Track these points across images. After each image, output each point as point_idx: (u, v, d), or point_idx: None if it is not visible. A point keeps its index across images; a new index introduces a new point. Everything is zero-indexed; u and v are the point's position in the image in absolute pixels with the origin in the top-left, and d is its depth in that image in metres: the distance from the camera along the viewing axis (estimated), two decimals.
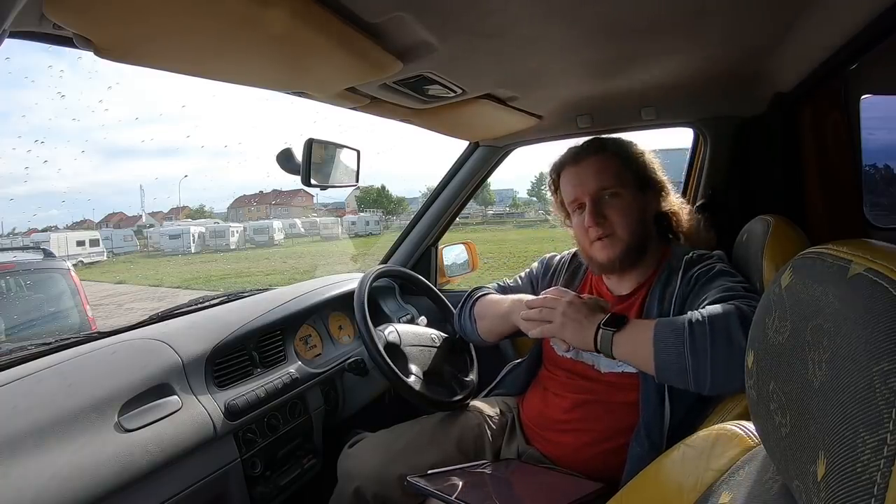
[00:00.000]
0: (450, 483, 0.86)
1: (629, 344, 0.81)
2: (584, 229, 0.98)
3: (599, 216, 0.96)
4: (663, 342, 0.77)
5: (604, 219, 0.96)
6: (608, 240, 0.97)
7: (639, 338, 0.81)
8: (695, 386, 0.75)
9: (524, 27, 0.76)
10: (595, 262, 1.01)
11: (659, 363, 0.77)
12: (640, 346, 0.80)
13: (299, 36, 0.67)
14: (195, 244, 27.55)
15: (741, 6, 0.75)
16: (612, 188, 0.97)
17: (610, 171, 0.97)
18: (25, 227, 55.39)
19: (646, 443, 0.88)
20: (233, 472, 0.94)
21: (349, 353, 1.30)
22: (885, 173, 1.49)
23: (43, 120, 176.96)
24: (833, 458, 0.28)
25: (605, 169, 0.97)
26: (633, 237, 0.96)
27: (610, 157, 0.99)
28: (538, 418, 1.04)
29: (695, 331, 0.75)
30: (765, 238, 0.87)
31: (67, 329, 3.38)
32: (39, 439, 0.70)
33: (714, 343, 0.73)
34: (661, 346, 0.77)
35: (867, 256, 0.31)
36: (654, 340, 0.78)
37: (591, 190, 0.97)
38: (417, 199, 48.85)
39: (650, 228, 1.01)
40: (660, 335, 0.78)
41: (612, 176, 0.97)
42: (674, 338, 0.76)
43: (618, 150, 1.01)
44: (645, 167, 1.02)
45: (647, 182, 1.01)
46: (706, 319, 0.76)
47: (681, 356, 0.75)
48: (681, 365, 0.75)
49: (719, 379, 0.73)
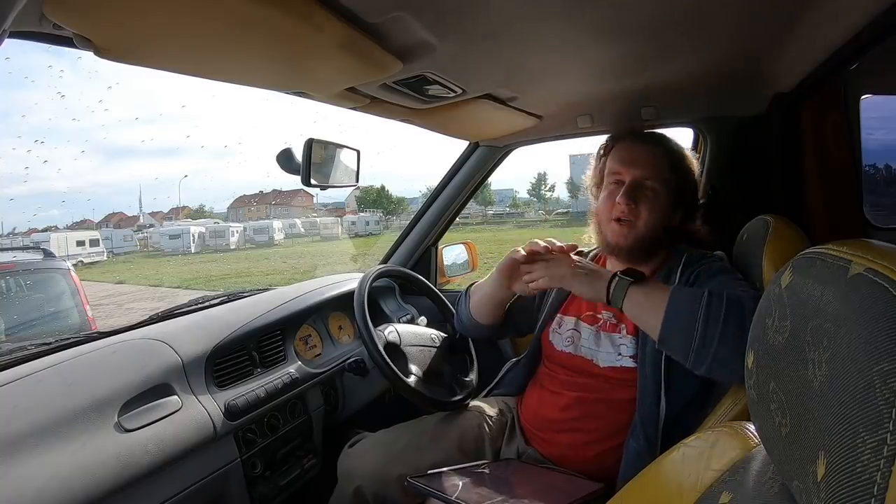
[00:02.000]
0: (450, 483, 0.86)
1: (643, 297, 0.81)
2: (611, 204, 0.98)
3: (631, 199, 0.96)
4: (678, 302, 0.77)
5: (634, 204, 0.96)
6: (628, 224, 0.97)
7: (654, 294, 0.81)
8: (694, 358, 0.75)
9: (524, 27, 0.76)
10: (605, 241, 1.02)
11: (667, 322, 0.77)
12: (654, 301, 0.80)
13: (299, 36, 0.67)
14: (195, 244, 27.56)
15: (741, 6, 0.75)
16: (655, 182, 0.97)
17: (660, 167, 0.98)
18: (25, 227, 55.44)
19: (641, 438, 0.88)
20: (233, 472, 0.94)
21: (349, 353, 1.30)
22: (885, 173, 1.49)
23: (43, 120, 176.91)
24: (833, 458, 0.28)
25: (658, 162, 0.98)
26: (649, 233, 0.97)
27: (667, 155, 1.00)
28: (536, 419, 1.04)
29: (713, 301, 0.75)
30: (765, 238, 0.87)
31: (67, 329, 3.37)
32: (39, 439, 0.70)
33: (727, 319, 0.73)
34: (675, 305, 0.77)
35: (867, 256, 0.31)
36: (670, 298, 0.78)
37: (637, 173, 0.97)
38: (417, 199, 48.87)
39: (666, 236, 1.01)
40: (677, 294, 0.79)
41: (660, 171, 0.98)
42: (690, 300, 0.77)
43: (675, 153, 1.02)
44: (689, 183, 1.03)
45: (685, 196, 1.02)
46: (724, 295, 0.76)
47: (692, 321, 0.75)
48: (690, 330, 0.75)
49: (722, 356, 0.73)
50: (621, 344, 0.97)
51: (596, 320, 1.02)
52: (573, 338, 1.03)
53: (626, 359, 0.95)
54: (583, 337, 1.02)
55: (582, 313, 1.05)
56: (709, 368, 0.75)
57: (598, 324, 1.02)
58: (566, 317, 1.07)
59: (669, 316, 0.77)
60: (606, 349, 0.98)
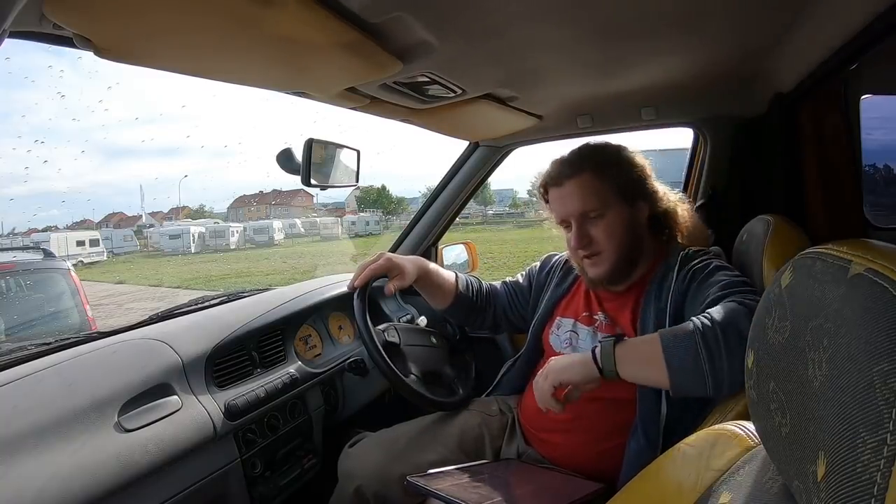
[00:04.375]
0: (450, 483, 0.86)
1: (635, 356, 0.78)
2: (574, 246, 0.98)
3: (585, 237, 0.96)
4: (674, 348, 0.74)
5: (589, 240, 0.96)
6: (596, 258, 0.97)
7: (642, 347, 0.78)
8: (714, 390, 0.72)
9: (524, 27, 0.76)
10: (586, 277, 1.01)
11: (674, 374, 0.73)
12: (647, 355, 0.76)
13: (299, 36, 0.67)
14: (195, 244, 27.56)
15: (741, 6, 0.75)
16: (596, 210, 0.95)
17: (592, 193, 0.95)
18: (25, 227, 55.44)
19: (643, 439, 0.88)
20: (233, 472, 0.93)
21: (349, 353, 1.30)
22: (885, 173, 1.49)
23: (43, 120, 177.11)
24: (833, 458, 0.28)
25: (587, 191, 0.95)
26: (621, 253, 0.96)
27: (591, 178, 0.95)
28: (535, 419, 1.04)
29: (706, 335, 0.73)
30: (765, 238, 0.87)
31: (67, 329, 3.38)
32: (39, 439, 0.70)
33: (727, 343, 0.72)
34: (671, 352, 0.74)
35: (867, 256, 0.31)
36: (663, 348, 0.74)
37: (575, 213, 0.96)
38: (417, 199, 48.81)
39: (642, 235, 0.99)
40: (669, 345, 0.74)
41: (594, 198, 0.95)
42: (685, 344, 0.73)
43: (598, 167, 0.96)
44: (630, 177, 0.98)
45: (635, 192, 0.98)
46: (714, 322, 0.73)
47: (697, 363, 0.72)
48: (698, 372, 0.72)
49: (738, 377, 0.71)
50: None
51: (593, 321, 1.02)
52: (571, 339, 1.03)
53: None
54: (580, 338, 1.02)
55: (579, 314, 1.05)
56: (730, 389, 0.73)
57: (594, 324, 1.02)
58: (564, 318, 1.07)
59: (673, 365, 0.73)
60: None
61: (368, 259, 1.09)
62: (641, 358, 0.77)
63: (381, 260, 1.08)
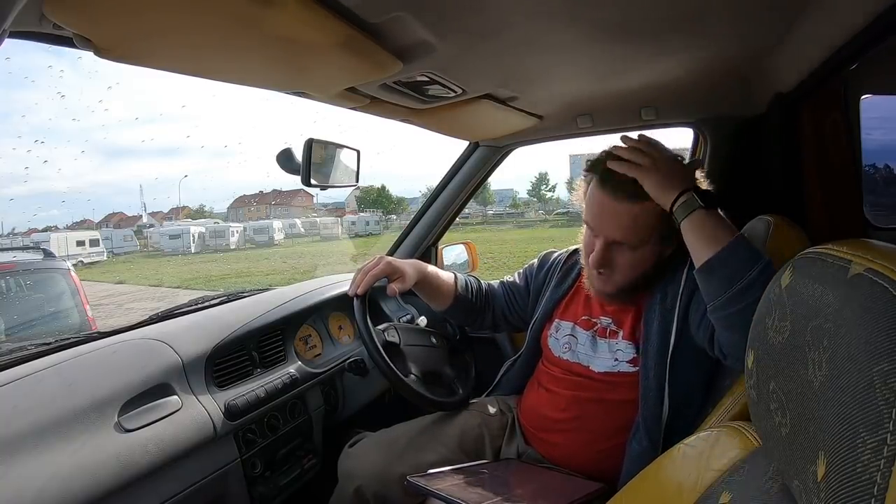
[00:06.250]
0: (450, 483, 0.86)
1: (705, 225, 0.79)
2: (590, 250, 0.94)
3: (606, 259, 0.91)
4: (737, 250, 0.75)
5: (609, 263, 0.92)
6: (607, 276, 0.94)
7: (717, 230, 0.78)
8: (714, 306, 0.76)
9: (524, 27, 0.76)
10: (592, 287, 0.99)
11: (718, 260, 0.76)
12: (715, 237, 0.77)
13: (299, 36, 0.67)
14: (195, 244, 27.57)
15: (741, 6, 0.75)
16: (630, 243, 0.89)
17: (636, 227, 0.87)
18: (25, 227, 55.45)
19: (645, 440, 0.88)
20: (233, 472, 0.93)
21: (349, 353, 1.30)
22: (885, 173, 1.48)
23: (43, 120, 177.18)
24: (833, 458, 0.28)
25: (633, 223, 0.87)
26: (637, 281, 0.94)
27: (645, 213, 0.86)
28: (535, 419, 1.04)
29: (766, 270, 0.73)
30: (765, 238, 0.87)
31: (67, 329, 3.38)
32: (39, 439, 0.70)
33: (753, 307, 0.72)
34: (732, 250, 0.75)
35: (867, 256, 0.31)
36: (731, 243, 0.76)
37: (609, 235, 0.90)
38: (417, 199, 48.85)
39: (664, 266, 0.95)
40: (739, 242, 0.76)
41: (635, 232, 0.88)
42: (748, 256, 0.75)
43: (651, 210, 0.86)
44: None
45: (673, 232, 0.86)
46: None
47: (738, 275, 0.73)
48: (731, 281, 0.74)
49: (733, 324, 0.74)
50: (618, 349, 0.97)
51: (592, 325, 1.02)
52: (570, 343, 1.03)
53: (624, 364, 0.95)
54: (579, 342, 1.02)
55: (578, 318, 1.05)
56: (719, 327, 0.76)
57: (594, 329, 1.02)
58: (563, 322, 1.07)
59: (722, 257, 0.75)
60: (603, 355, 0.98)
61: (368, 263, 1.09)
62: (708, 231, 0.79)
63: (381, 264, 1.08)
